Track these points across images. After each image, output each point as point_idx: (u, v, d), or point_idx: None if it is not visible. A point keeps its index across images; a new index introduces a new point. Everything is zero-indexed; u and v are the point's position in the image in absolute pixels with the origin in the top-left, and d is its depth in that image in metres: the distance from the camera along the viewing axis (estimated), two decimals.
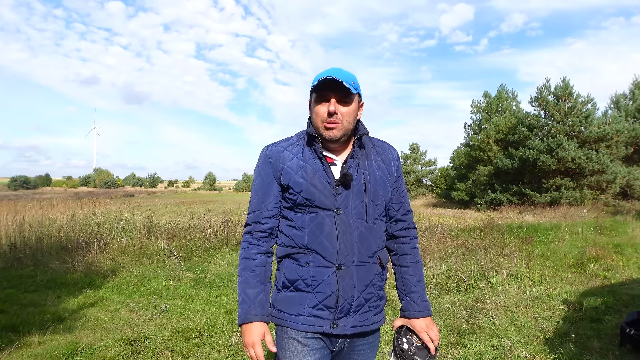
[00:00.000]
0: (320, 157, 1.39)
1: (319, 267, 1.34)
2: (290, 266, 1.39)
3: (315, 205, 1.36)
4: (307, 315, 1.35)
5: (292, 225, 1.41)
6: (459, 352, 3.24)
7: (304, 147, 1.43)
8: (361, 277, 1.36)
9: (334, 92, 1.34)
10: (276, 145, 1.47)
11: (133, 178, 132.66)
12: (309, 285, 1.35)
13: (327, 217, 1.35)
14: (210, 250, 7.61)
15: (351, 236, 1.35)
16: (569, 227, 10.22)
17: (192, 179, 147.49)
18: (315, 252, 1.35)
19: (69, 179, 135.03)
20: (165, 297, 5.01)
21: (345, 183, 1.36)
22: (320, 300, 1.34)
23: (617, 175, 20.07)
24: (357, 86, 1.38)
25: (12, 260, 6.46)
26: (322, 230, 1.35)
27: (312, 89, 1.37)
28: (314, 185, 1.36)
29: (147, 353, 3.31)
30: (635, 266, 6.35)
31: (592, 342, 3.34)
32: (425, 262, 6.12)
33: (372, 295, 1.41)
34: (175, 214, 13.77)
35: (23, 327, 3.68)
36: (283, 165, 1.41)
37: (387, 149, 1.53)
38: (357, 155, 1.42)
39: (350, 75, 1.37)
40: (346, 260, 1.34)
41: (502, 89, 30.56)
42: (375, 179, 1.42)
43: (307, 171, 1.38)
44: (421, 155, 40.57)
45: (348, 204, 1.36)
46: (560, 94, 21.41)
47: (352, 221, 1.36)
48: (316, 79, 1.36)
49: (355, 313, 1.37)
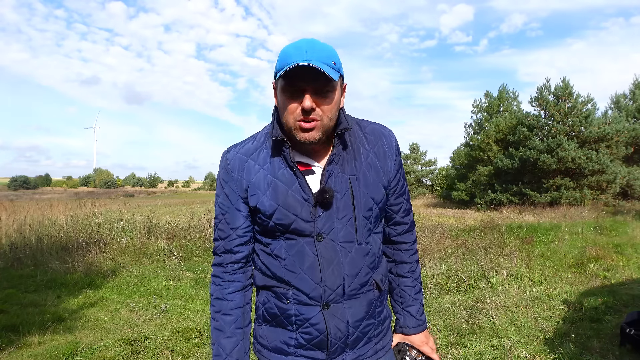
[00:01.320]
0: (292, 166, 1.07)
1: (301, 305, 1.09)
2: (270, 299, 1.14)
3: (291, 231, 1.08)
4: (295, 355, 1.12)
5: (267, 252, 1.14)
6: (459, 352, 3.24)
7: (271, 152, 1.11)
8: (355, 312, 1.11)
9: (309, 83, 0.98)
10: (238, 151, 1.14)
11: (133, 178, 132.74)
12: (292, 323, 1.11)
13: (307, 245, 1.07)
14: (210, 250, 7.58)
15: (339, 266, 1.07)
16: (569, 227, 10.22)
17: (192, 179, 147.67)
18: (295, 288, 1.09)
19: (69, 179, 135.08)
20: (165, 297, 5.01)
21: (324, 202, 1.06)
22: (307, 341, 1.10)
23: (617, 175, 20.08)
24: (338, 66, 1.03)
25: (12, 260, 6.46)
26: (303, 263, 1.07)
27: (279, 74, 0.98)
28: (287, 206, 1.06)
29: (147, 353, 3.31)
30: (635, 266, 6.35)
31: (592, 342, 3.34)
32: (425, 262, 6.12)
33: (371, 326, 1.16)
34: (175, 214, 13.77)
35: (23, 327, 3.68)
36: (247, 182, 1.11)
37: (381, 135, 1.18)
38: (340, 159, 1.10)
39: (328, 52, 1.00)
40: (334, 295, 1.08)
41: (504, 89, 30.57)
42: (367, 184, 1.11)
43: (278, 189, 1.07)
44: (421, 155, 40.60)
45: (333, 226, 1.07)
46: (560, 94, 21.42)
47: (340, 247, 1.08)
48: (283, 59, 0.99)
49: (352, 349, 1.13)
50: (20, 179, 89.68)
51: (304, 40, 1.01)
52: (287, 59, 0.98)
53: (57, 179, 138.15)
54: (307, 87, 0.99)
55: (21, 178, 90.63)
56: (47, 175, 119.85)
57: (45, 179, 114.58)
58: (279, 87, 1.04)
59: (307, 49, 0.98)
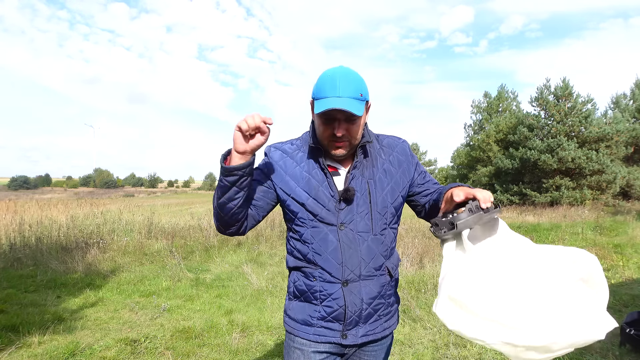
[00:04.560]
0: (324, 168, 1.32)
1: (325, 282, 1.32)
2: (300, 278, 1.38)
3: (318, 220, 1.31)
4: (317, 326, 1.35)
5: (296, 238, 1.37)
6: (459, 352, 3.24)
7: (307, 154, 1.36)
8: (369, 291, 1.34)
9: (340, 115, 1.23)
10: (278, 148, 1.39)
11: (133, 178, 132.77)
12: (317, 298, 1.34)
13: (331, 232, 1.31)
14: (210, 250, 7.61)
15: (357, 251, 1.31)
16: (569, 227, 10.23)
17: (192, 178, 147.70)
18: (321, 268, 1.32)
19: (69, 179, 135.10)
20: (165, 297, 5.01)
21: (348, 198, 1.30)
22: (328, 314, 1.33)
23: (617, 175, 20.08)
24: (365, 96, 1.26)
25: (12, 260, 6.46)
26: (327, 247, 1.31)
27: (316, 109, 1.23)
28: (317, 199, 1.31)
29: (147, 353, 3.31)
30: (635, 266, 6.35)
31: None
32: (425, 262, 6.12)
33: (381, 304, 1.38)
34: (175, 214, 13.77)
35: (23, 327, 3.68)
36: (284, 172, 1.35)
37: (395, 146, 1.44)
38: (361, 165, 1.35)
39: (357, 85, 1.23)
40: (352, 275, 1.31)
41: (503, 89, 30.58)
42: (382, 187, 1.35)
43: (311, 184, 1.32)
44: (421, 155, 40.59)
45: (353, 218, 1.31)
46: (560, 94, 21.42)
47: (358, 235, 1.31)
48: (319, 90, 1.24)
49: (365, 323, 1.36)
50: (20, 179, 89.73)
51: (339, 73, 1.24)
52: (323, 92, 1.23)
53: (57, 179, 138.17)
54: (339, 116, 1.23)
55: (21, 178, 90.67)
56: (47, 175, 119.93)
57: (45, 179, 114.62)
58: (315, 111, 1.25)
59: (340, 85, 1.21)
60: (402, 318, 4.00)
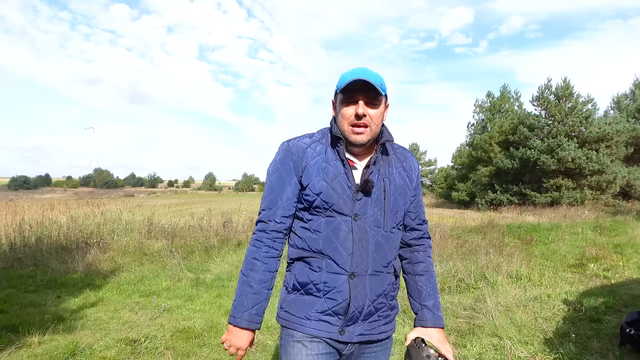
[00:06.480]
0: (343, 159, 1.34)
1: (331, 274, 1.31)
2: (302, 269, 1.35)
3: (333, 210, 1.32)
4: (315, 320, 1.33)
5: (306, 227, 1.36)
6: (459, 352, 3.24)
7: (327, 147, 1.38)
8: (374, 287, 1.33)
9: (362, 94, 1.29)
10: (299, 141, 1.40)
11: (133, 178, 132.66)
12: (320, 290, 1.32)
13: (344, 222, 1.31)
14: (210, 250, 7.61)
15: (367, 244, 1.32)
16: (569, 227, 10.23)
17: (192, 179, 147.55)
18: (329, 257, 1.31)
19: (69, 179, 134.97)
20: (165, 297, 5.01)
21: (366, 190, 1.32)
22: (330, 307, 1.31)
23: (617, 175, 20.09)
24: (384, 88, 1.33)
25: (12, 260, 6.46)
26: (338, 236, 1.31)
27: (340, 89, 1.31)
28: (334, 189, 1.32)
29: (147, 353, 3.31)
30: (635, 266, 6.35)
31: (592, 342, 3.34)
32: None
33: (383, 304, 1.38)
34: (175, 214, 13.77)
35: (23, 327, 3.67)
36: (306, 163, 1.36)
37: (409, 156, 1.49)
38: (379, 162, 1.38)
39: (378, 76, 1.32)
40: (360, 268, 1.31)
41: (505, 90, 30.52)
42: (396, 187, 1.39)
43: (329, 173, 1.33)
44: (421, 155, 40.61)
45: (366, 211, 1.32)
46: (561, 94, 21.44)
47: (369, 229, 1.32)
48: (343, 79, 1.31)
49: (364, 321, 1.35)
50: (20, 179, 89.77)
51: (359, 68, 1.34)
52: (346, 78, 1.30)
53: (57, 179, 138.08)
54: (361, 97, 1.29)
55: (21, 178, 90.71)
56: (47, 175, 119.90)
57: (45, 179, 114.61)
58: (338, 100, 1.35)
59: (361, 72, 1.29)
60: (402, 318, 4.00)
